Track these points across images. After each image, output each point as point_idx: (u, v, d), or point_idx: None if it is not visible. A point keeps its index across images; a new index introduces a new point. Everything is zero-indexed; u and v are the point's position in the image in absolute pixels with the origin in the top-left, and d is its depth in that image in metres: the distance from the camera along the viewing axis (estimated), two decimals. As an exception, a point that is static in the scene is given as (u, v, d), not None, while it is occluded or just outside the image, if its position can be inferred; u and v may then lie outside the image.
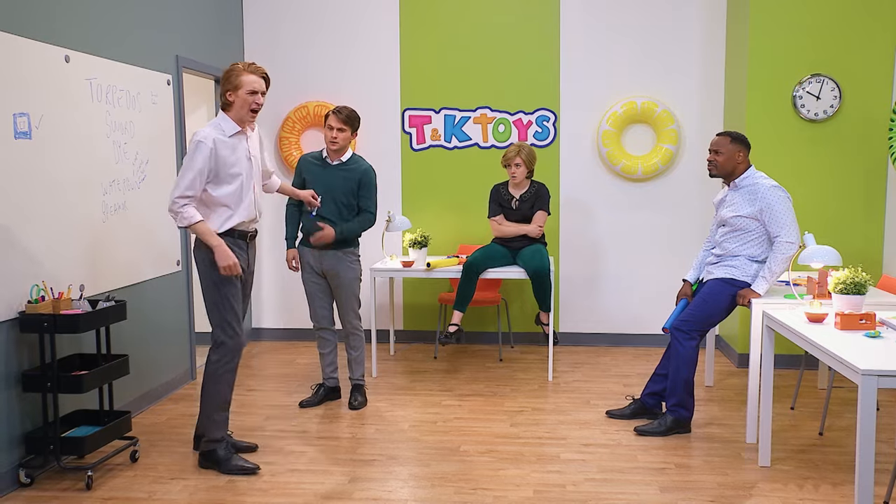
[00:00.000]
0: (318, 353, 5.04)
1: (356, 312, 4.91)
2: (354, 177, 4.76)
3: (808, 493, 3.64)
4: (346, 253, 4.80)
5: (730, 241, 4.49)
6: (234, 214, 3.88)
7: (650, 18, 6.24)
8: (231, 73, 3.83)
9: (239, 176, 3.86)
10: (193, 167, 3.72)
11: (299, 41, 6.53)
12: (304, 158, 4.87)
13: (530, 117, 6.38)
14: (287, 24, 6.52)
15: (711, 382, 5.39)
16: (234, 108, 3.85)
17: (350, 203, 4.76)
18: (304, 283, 4.90)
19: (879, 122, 5.55)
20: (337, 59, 6.51)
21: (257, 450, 4.19)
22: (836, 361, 3.09)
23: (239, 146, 3.88)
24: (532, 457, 4.08)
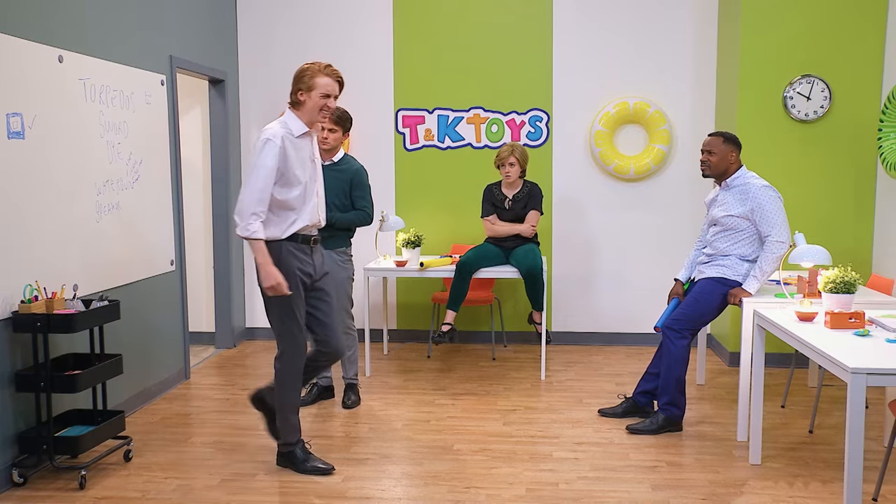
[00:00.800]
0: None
1: (349, 312, 4.93)
2: (346, 177, 4.77)
3: (798, 490, 3.67)
4: (339, 253, 4.81)
5: (721, 240, 4.53)
6: (298, 219, 3.75)
7: (642, 19, 6.27)
8: (305, 72, 3.73)
9: (303, 178, 3.74)
10: (265, 166, 3.60)
11: (293, 41, 6.54)
12: None
13: (523, 117, 6.40)
14: (281, 24, 6.53)
15: (703, 381, 5.43)
16: (304, 108, 3.73)
17: (342, 203, 4.77)
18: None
19: (868, 123, 5.59)
20: (331, 59, 6.50)
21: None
22: (825, 360, 3.12)
23: (305, 147, 3.78)
24: (525, 455, 4.10)
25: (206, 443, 4.32)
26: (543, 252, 6.39)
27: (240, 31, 6.56)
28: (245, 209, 3.59)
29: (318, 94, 3.71)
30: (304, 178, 3.73)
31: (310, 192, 3.80)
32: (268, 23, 6.54)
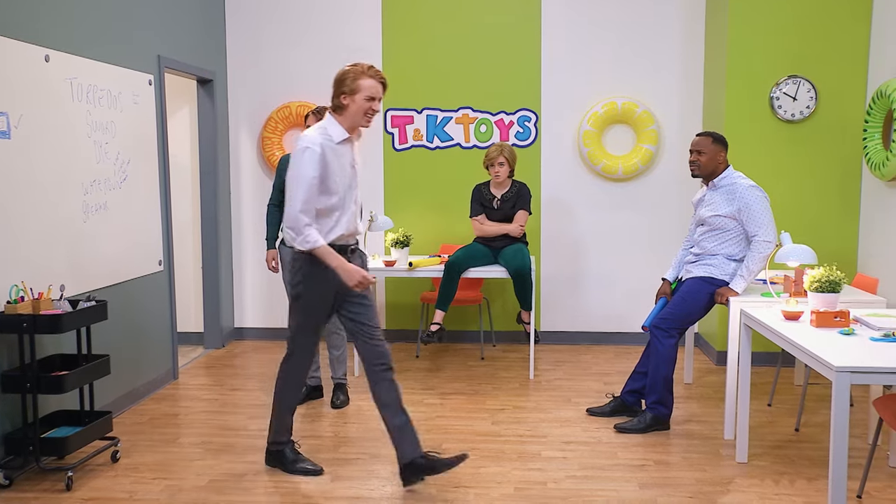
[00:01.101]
0: None
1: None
2: None
3: (783, 488, 3.69)
4: None
5: (708, 240, 4.55)
6: (336, 227, 3.63)
7: (630, 19, 6.29)
8: (348, 75, 3.57)
9: (343, 185, 3.61)
10: (306, 176, 3.48)
11: (282, 41, 6.53)
12: (285, 159, 4.86)
13: (512, 117, 6.42)
14: (270, 24, 6.52)
15: (691, 380, 5.45)
16: (347, 112, 3.58)
17: None
18: (285, 283, 4.90)
19: (854, 124, 5.63)
20: (320, 59, 6.52)
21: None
22: (811, 358, 3.15)
23: (345, 153, 3.64)
24: (513, 454, 4.11)
25: (194, 443, 4.31)
26: (532, 252, 6.40)
27: (228, 30, 6.55)
28: (297, 222, 3.49)
29: (362, 98, 3.56)
30: (343, 185, 3.61)
31: (349, 200, 3.67)
32: (257, 23, 6.53)
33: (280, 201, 4.86)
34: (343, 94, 3.57)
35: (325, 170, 3.52)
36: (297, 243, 3.53)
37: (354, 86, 3.55)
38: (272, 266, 4.96)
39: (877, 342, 3.26)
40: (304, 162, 3.50)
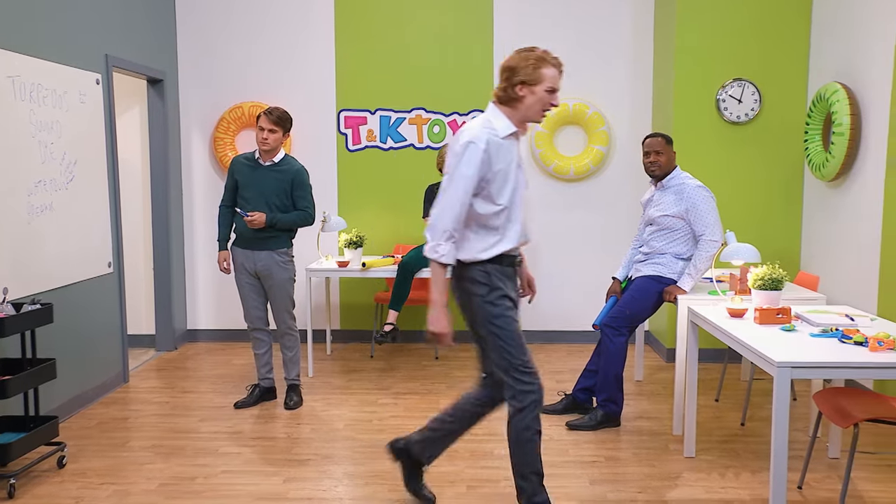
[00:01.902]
0: (253, 354, 5.02)
1: (290, 313, 4.91)
2: (287, 177, 4.76)
3: (729, 481, 3.78)
4: (280, 254, 4.79)
5: (657, 239, 4.64)
6: (504, 238, 3.10)
7: (581, 23, 6.37)
8: (527, 61, 3.03)
9: (509, 189, 3.07)
10: (465, 175, 2.96)
11: (234, 41, 6.48)
12: (237, 159, 4.84)
13: (465, 118, 6.45)
14: (221, 24, 6.47)
15: (641, 377, 5.54)
16: (522, 104, 3.05)
17: (283, 204, 4.76)
18: (238, 284, 4.88)
19: (796, 126, 5.78)
20: (272, 59, 6.48)
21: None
22: (753, 354, 3.23)
23: (511, 151, 3.10)
24: (466, 453, 4.14)
25: (144, 447, 4.26)
26: (485, 252, 6.44)
27: (179, 30, 6.48)
28: (438, 225, 2.99)
29: (543, 89, 3.04)
30: (509, 189, 3.07)
31: (517, 207, 3.12)
32: (208, 22, 6.47)
33: (232, 202, 4.85)
34: (522, 83, 3.02)
35: (488, 170, 3.00)
36: (427, 251, 3.04)
37: (536, 75, 3.02)
38: (224, 267, 4.92)
39: (816, 338, 3.36)
40: (464, 159, 2.97)
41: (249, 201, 4.72)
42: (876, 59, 4.76)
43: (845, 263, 5.14)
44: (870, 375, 3.02)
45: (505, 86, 3.07)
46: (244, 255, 4.79)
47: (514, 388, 3.11)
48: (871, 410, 3.21)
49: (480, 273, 3.11)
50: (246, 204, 4.72)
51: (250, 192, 4.71)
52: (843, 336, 3.31)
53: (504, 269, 3.15)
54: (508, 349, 3.09)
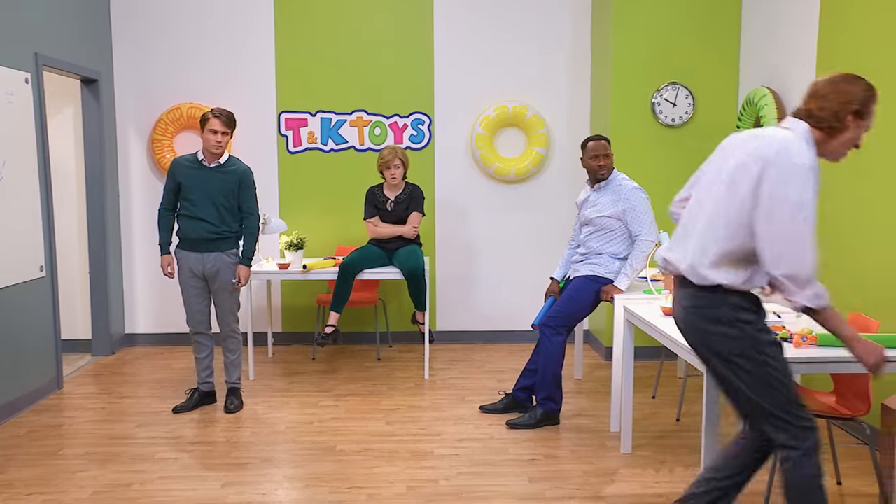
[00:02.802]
0: (194, 358, 4.96)
1: (235, 315, 4.87)
2: (234, 178, 4.74)
3: (663, 476, 3.87)
4: (229, 255, 4.78)
5: (594, 240, 4.72)
6: (758, 272, 2.68)
7: (521, 25, 6.44)
8: (869, 92, 2.63)
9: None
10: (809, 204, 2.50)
11: (171, 41, 6.38)
12: (178, 162, 4.76)
13: (406, 120, 6.47)
14: (158, 23, 6.36)
15: (580, 375, 5.63)
16: (842, 136, 2.65)
17: (230, 205, 4.73)
18: (182, 287, 4.80)
19: (728, 129, 5.93)
20: (210, 59, 6.41)
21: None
22: (685, 352, 3.31)
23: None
24: (406, 454, 4.16)
25: (77, 455, 4.17)
26: (427, 253, 6.48)
27: (114, 29, 6.35)
28: (803, 270, 2.51)
29: (865, 126, 2.67)
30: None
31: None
32: (144, 21, 6.36)
33: (173, 205, 4.77)
34: (854, 113, 2.61)
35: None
36: (800, 298, 2.54)
37: (869, 110, 2.64)
38: (168, 272, 4.82)
39: (744, 335, 3.46)
40: (807, 184, 2.51)
41: (196, 203, 4.66)
42: (800, 66, 4.92)
43: (775, 262, 5.30)
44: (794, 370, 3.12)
45: (836, 110, 2.61)
46: (192, 258, 4.72)
47: (793, 426, 2.65)
48: (797, 404, 3.32)
49: (747, 299, 2.71)
50: (192, 206, 4.65)
51: (196, 195, 4.66)
52: (770, 333, 3.42)
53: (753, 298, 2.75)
54: (783, 380, 2.66)
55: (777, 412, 2.65)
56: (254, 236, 4.84)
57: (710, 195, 2.77)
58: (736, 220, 2.63)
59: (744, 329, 2.66)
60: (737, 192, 2.63)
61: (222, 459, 4.09)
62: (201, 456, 4.12)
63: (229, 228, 4.76)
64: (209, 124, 4.63)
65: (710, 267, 2.68)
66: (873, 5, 4.17)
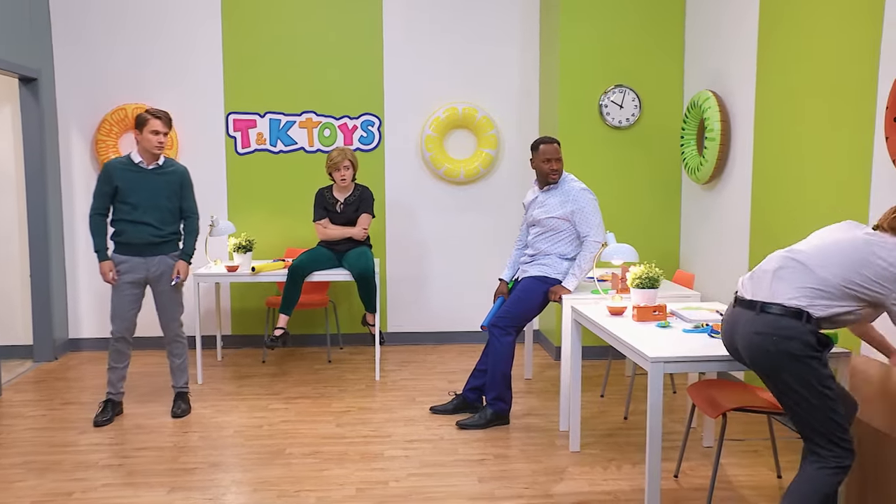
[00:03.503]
0: (111, 368, 4.75)
1: (180, 320, 4.80)
2: (175, 179, 4.68)
3: (611, 473, 3.92)
4: (172, 257, 4.72)
5: (542, 241, 4.76)
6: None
7: (470, 27, 6.48)
8: None
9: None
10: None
11: (115, 40, 6.26)
12: (113, 165, 4.60)
13: (355, 122, 6.45)
14: (101, 22, 6.24)
15: (531, 375, 5.68)
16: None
17: (173, 207, 4.66)
18: (118, 293, 4.64)
19: (673, 131, 6.06)
20: (157, 60, 6.30)
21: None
22: (630, 350, 3.37)
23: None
24: (356, 456, 4.15)
25: (15, 464, 4.06)
26: (377, 254, 6.47)
27: (55, 27, 6.21)
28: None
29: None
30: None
31: None
32: (86, 19, 6.23)
33: (107, 210, 4.62)
34: None
35: None
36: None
37: None
38: (111, 278, 4.62)
39: (688, 333, 3.54)
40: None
41: (138, 207, 4.56)
42: (741, 70, 5.04)
43: (718, 261, 5.42)
44: (732, 368, 3.20)
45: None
46: (134, 263, 4.62)
47: (835, 451, 2.80)
48: (739, 400, 3.39)
49: (819, 334, 2.83)
50: (133, 210, 4.55)
51: (138, 198, 4.56)
52: (713, 331, 3.50)
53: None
54: (839, 411, 2.80)
55: (826, 438, 2.80)
56: (196, 235, 4.79)
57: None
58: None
59: (810, 361, 2.78)
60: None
61: (169, 465, 4.03)
62: (147, 462, 4.06)
63: (172, 231, 4.70)
64: (150, 125, 4.54)
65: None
66: (810, 8, 4.29)
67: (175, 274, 4.70)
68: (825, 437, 2.79)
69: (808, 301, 2.79)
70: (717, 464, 3.34)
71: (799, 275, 2.85)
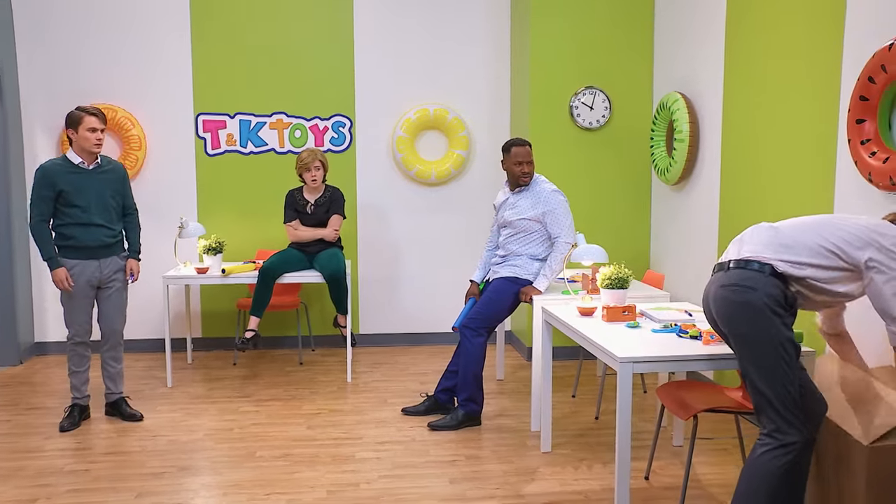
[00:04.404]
0: (73, 372, 4.66)
1: (124, 322, 4.77)
2: (118, 178, 4.65)
3: (582, 473, 3.94)
4: (122, 258, 4.68)
5: (513, 242, 4.78)
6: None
7: (441, 28, 6.48)
8: None
9: None
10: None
11: (82, 38, 6.18)
12: (52, 168, 4.44)
13: (326, 123, 6.43)
14: (66, 21, 6.16)
15: (502, 376, 5.69)
16: None
17: (117, 205, 4.64)
18: (75, 297, 4.53)
19: (643, 132, 6.10)
20: (124, 59, 6.23)
21: None
22: (599, 351, 3.39)
23: None
24: (327, 458, 4.13)
25: (-20, 469, 4.01)
26: (348, 256, 6.45)
27: (17, 25, 6.11)
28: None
29: None
30: None
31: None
32: (51, 19, 6.14)
33: (52, 215, 4.47)
34: None
35: None
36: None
37: None
38: (67, 285, 4.49)
39: (657, 333, 3.56)
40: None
41: (87, 209, 4.47)
42: (709, 72, 5.09)
43: (688, 261, 5.47)
44: (701, 367, 3.24)
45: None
46: (89, 266, 4.53)
47: (784, 420, 2.76)
48: (708, 401, 3.42)
49: (789, 292, 2.83)
50: (82, 213, 4.46)
51: (85, 200, 4.46)
52: (681, 331, 3.53)
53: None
54: (793, 379, 2.77)
55: (777, 406, 2.76)
56: (140, 231, 4.79)
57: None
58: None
59: (772, 319, 2.77)
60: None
61: (137, 469, 3.98)
62: (114, 466, 4.01)
63: (120, 230, 4.67)
64: (87, 123, 4.44)
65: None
66: (775, 11, 4.35)
67: (129, 273, 4.66)
68: (775, 408, 2.76)
69: (773, 254, 2.82)
70: (689, 463, 3.37)
71: (766, 233, 2.91)
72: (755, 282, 2.79)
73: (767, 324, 2.75)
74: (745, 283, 2.81)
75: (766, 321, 2.76)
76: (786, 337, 2.76)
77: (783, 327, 2.76)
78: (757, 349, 2.78)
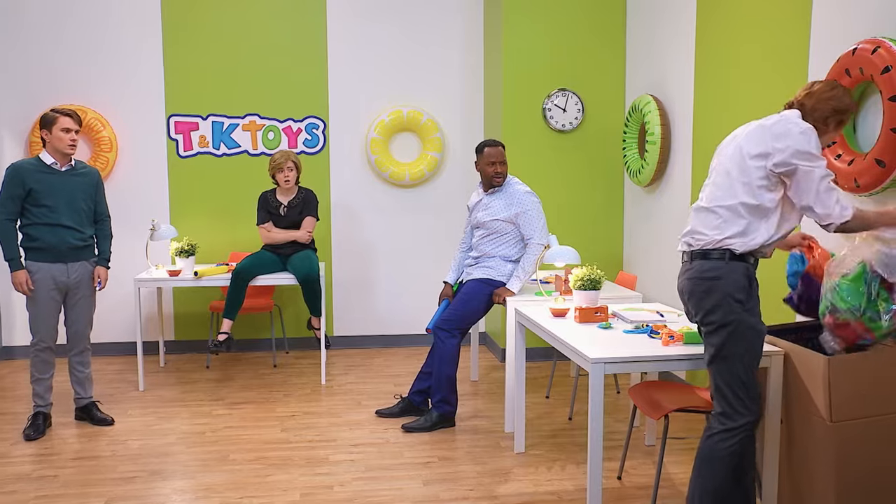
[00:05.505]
0: (37, 379, 4.58)
1: (91, 327, 4.72)
2: (91, 181, 4.60)
3: (555, 473, 3.96)
4: (91, 263, 4.63)
5: (486, 243, 4.80)
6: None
7: (415, 30, 6.49)
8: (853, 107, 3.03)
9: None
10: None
11: (52, 37, 6.11)
12: (23, 168, 4.38)
13: (300, 125, 6.41)
14: (36, 20, 6.08)
15: (477, 377, 5.70)
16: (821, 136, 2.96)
17: (89, 209, 4.58)
18: (40, 301, 4.46)
19: (615, 134, 6.15)
20: (95, 59, 6.17)
21: None
22: (571, 352, 3.41)
23: None
24: (301, 461, 4.12)
25: (-52, 475, 3.95)
26: (322, 257, 6.44)
27: (-12, 25, 6.05)
28: (836, 208, 2.80)
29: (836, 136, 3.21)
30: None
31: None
32: (18, 18, 6.06)
33: (17, 214, 4.40)
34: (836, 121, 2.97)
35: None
36: (837, 222, 2.83)
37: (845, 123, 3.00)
38: (27, 288, 4.43)
39: (629, 334, 3.59)
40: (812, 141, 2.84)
41: (56, 210, 4.41)
42: (680, 75, 5.14)
43: (660, 262, 5.52)
44: (673, 367, 3.26)
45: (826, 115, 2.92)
46: (55, 270, 4.46)
47: (734, 406, 2.90)
48: (680, 401, 3.46)
49: (745, 276, 2.93)
50: (51, 214, 4.40)
51: (55, 201, 4.41)
52: (653, 332, 3.56)
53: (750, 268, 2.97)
54: (751, 365, 2.91)
55: (733, 388, 2.91)
56: (111, 239, 4.74)
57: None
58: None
59: (732, 305, 2.91)
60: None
61: (107, 474, 3.94)
62: (84, 471, 3.97)
63: (91, 234, 4.60)
64: (61, 123, 4.39)
65: None
66: (743, 13, 4.40)
67: (96, 280, 4.62)
68: (723, 394, 2.92)
69: (721, 234, 2.95)
70: (660, 463, 3.40)
71: (707, 216, 3.01)
72: (718, 271, 2.93)
73: (730, 311, 2.89)
74: (707, 274, 2.95)
75: (728, 309, 2.89)
76: (748, 324, 2.89)
77: (745, 314, 2.89)
78: (722, 336, 2.91)
